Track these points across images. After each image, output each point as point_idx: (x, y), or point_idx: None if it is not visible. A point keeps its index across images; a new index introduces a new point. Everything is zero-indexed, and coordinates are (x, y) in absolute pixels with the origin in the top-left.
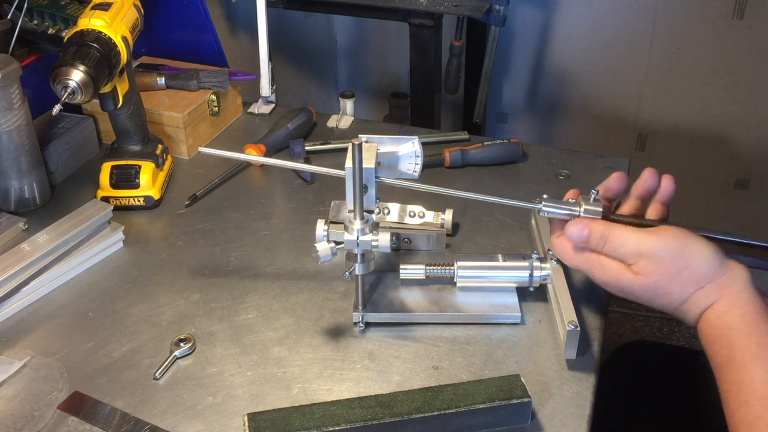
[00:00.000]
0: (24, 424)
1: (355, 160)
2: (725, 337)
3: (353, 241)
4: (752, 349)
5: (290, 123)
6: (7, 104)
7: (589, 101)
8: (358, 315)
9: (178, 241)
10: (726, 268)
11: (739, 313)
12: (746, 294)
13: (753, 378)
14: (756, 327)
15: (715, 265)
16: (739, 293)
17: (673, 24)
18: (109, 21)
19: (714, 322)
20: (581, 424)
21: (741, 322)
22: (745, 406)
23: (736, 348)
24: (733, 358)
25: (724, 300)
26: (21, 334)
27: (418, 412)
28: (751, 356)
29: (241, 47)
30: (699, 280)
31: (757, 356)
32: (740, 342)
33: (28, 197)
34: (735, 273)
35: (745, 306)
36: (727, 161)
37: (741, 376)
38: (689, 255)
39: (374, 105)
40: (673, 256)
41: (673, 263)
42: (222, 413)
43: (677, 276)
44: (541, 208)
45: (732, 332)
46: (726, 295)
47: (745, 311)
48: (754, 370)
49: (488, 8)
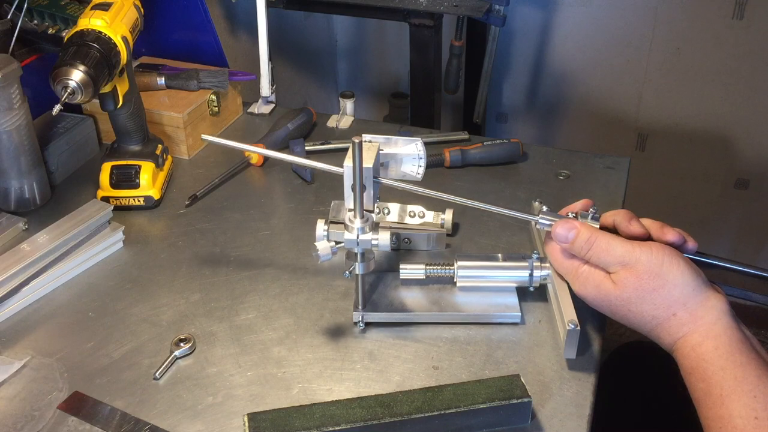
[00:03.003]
0: (24, 424)
1: (355, 159)
2: (700, 370)
3: (353, 240)
4: (728, 383)
5: (290, 123)
6: (7, 104)
7: (589, 101)
8: (358, 315)
9: (178, 241)
10: (702, 296)
11: (713, 345)
12: (721, 324)
13: (732, 413)
14: (731, 359)
15: (690, 291)
16: (713, 324)
17: (673, 24)
18: (109, 21)
19: (688, 354)
20: (581, 424)
21: (715, 354)
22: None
23: (712, 382)
24: (711, 392)
25: (697, 330)
26: (21, 334)
27: (418, 412)
28: (728, 390)
29: (241, 47)
30: (671, 304)
31: (734, 390)
32: (716, 376)
33: (28, 197)
34: (711, 302)
35: (719, 337)
36: (727, 161)
37: (720, 411)
38: (666, 274)
39: (374, 105)
40: (651, 272)
41: (650, 279)
42: (222, 413)
43: (650, 295)
44: (538, 220)
45: (707, 366)
46: (700, 326)
47: (719, 342)
48: (732, 405)
49: (488, 8)
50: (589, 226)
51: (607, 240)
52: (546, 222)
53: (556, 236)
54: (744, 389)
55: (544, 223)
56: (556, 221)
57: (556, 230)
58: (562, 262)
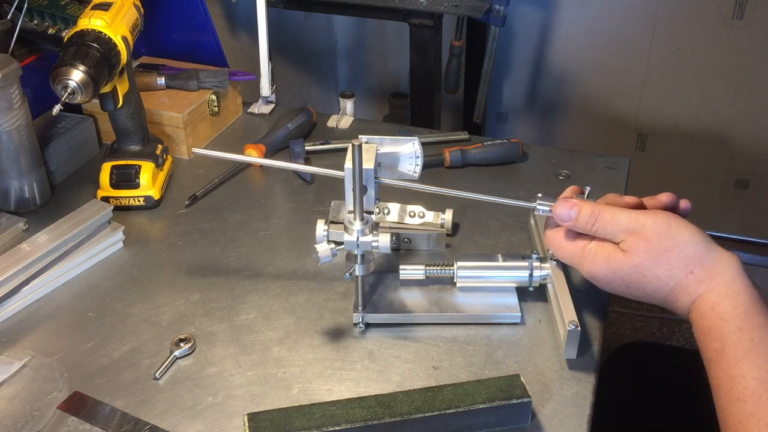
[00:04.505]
0: (24, 424)
1: (354, 161)
2: (717, 329)
3: (353, 242)
4: (744, 344)
5: (290, 123)
6: (7, 104)
7: (588, 101)
8: (358, 316)
9: (178, 241)
10: (716, 253)
11: (732, 303)
12: (739, 282)
13: (745, 374)
14: (749, 320)
15: (703, 248)
16: (731, 281)
17: (673, 24)
18: (109, 21)
19: (706, 313)
20: (581, 424)
21: (733, 313)
22: (737, 402)
23: (728, 342)
24: (725, 352)
25: (716, 288)
26: (21, 334)
27: (418, 412)
28: (744, 351)
29: (241, 47)
30: (687, 263)
31: (750, 351)
32: (732, 336)
33: (28, 197)
34: (726, 260)
35: (738, 296)
36: (727, 161)
37: (732, 372)
38: (675, 235)
39: (374, 105)
40: (659, 233)
41: (660, 241)
42: (222, 413)
43: (663, 256)
44: (536, 206)
45: (724, 325)
46: (718, 283)
47: (738, 302)
48: (746, 366)
49: (488, 8)
50: (589, 201)
51: (611, 210)
52: (544, 206)
53: (559, 216)
54: (760, 351)
55: (543, 208)
56: (554, 203)
57: (557, 210)
58: (567, 246)
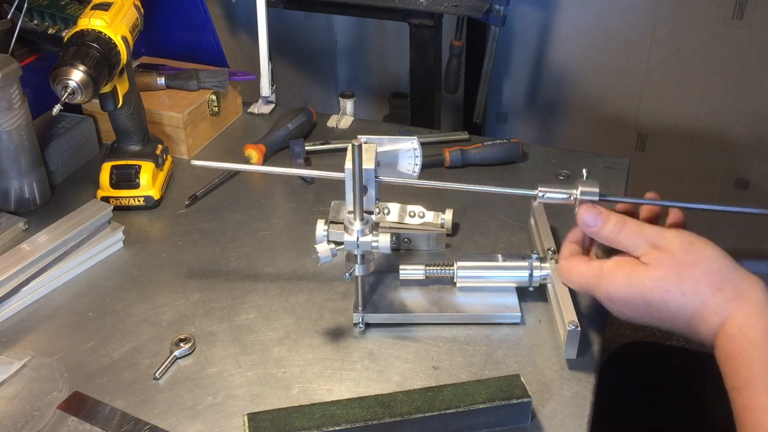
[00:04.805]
0: (24, 424)
1: (354, 161)
2: (746, 356)
3: (353, 242)
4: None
5: (290, 123)
6: (7, 104)
7: (588, 101)
8: (358, 316)
9: (178, 241)
10: (741, 271)
11: (762, 326)
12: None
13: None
14: None
15: (728, 264)
16: (759, 302)
17: (673, 24)
18: (109, 21)
19: (735, 337)
20: (581, 424)
21: (764, 338)
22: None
23: (757, 370)
24: (754, 381)
25: (744, 309)
26: (21, 334)
27: (418, 412)
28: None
29: (241, 47)
30: (713, 278)
31: None
32: (763, 364)
33: (28, 197)
34: (751, 278)
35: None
36: (727, 161)
37: (762, 402)
38: (700, 250)
39: (374, 105)
40: (684, 248)
41: (686, 255)
42: (222, 413)
43: (689, 270)
44: (538, 193)
45: (754, 351)
46: (746, 303)
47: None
48: None
49: (488, 8)
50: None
51: (637, 223)
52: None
53: (583, 221)
54: None
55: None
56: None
57: (582, 216)
58: (582, 269)
